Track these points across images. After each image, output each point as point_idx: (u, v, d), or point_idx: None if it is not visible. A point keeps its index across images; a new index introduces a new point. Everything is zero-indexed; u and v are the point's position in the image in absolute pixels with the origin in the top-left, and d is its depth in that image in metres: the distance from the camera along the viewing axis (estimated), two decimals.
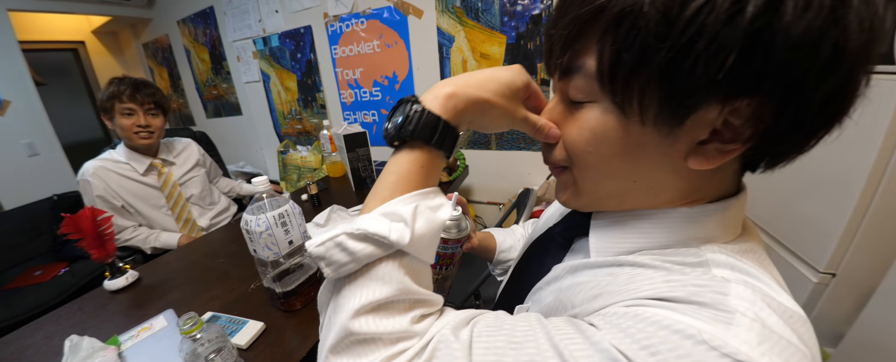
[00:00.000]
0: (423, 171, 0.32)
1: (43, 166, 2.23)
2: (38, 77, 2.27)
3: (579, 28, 0.26)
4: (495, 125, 0.35)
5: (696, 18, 0.21)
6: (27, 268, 1.79)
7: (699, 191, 0.30)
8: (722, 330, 0.21)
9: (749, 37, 0.20)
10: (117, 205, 1.22)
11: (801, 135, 0.25)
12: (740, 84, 0.22)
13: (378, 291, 0.27)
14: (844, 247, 0.95)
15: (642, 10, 0.22)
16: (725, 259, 0.28)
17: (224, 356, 0.50)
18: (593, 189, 0.33)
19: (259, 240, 0.60)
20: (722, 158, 0.26)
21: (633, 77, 0.25)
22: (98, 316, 0.74)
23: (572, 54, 0.28)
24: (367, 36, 1.85)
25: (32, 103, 2.18)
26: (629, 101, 0.26)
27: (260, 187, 0.61)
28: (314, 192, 1.26)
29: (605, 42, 0.25)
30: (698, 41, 0.21)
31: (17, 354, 0.65)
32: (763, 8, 0.20)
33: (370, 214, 0.28)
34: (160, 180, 1.28)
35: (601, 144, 0.29)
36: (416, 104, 0.31)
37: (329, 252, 0.27)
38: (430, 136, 0.31)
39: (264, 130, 2.57)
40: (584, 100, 0.29)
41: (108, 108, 1.16)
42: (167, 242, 1.26)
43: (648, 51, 0.23)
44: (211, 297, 0.75)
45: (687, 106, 0.24)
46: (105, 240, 0.81)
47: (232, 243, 1.03)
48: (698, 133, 0.26)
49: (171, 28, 2.73)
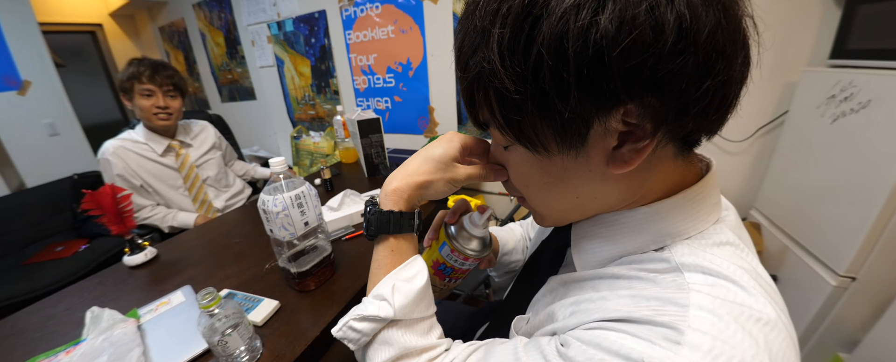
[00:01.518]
0: (395, 255, 0.41)
1: (63, 146, 2.28)
2: (57, 58, 2.30)
3: (469, 96, 0.30)
4: (444, 192, 0.42)
5: (537, 69, 0.24)
6: (48, 244, 1.85)
7: (642, 189, 0.32)
8: (669, 353, 0.23)
9: (583, 67, 0.23)
10: (136, 184, 1.24)
11: (696, 113, 0.25)
12: (605, 99, 0.24)
13: (387, 352, 0.37)
14: (866, 252, 0.92)
15: (497, 76, 0.25)
16: (696, 261, 0.28)
17: (241, 331, 0.51)
18: (548, 212, 0.37)
19: (275, 220, 0.60)
20: (639, 157, 0.27)
21: (522, 125, 0.28)
22: (118, 289, 0.76)
23: (478, 114, 0.32)
24: (381, 21, 1.83)
25: (53, 84, 2.22)
26: (531, 142, 0.29)
27: (277, 167, 0.61)
28: (327, 177, 1.26)
29: (489, 103, 0.28)
30: (547, 86, 0.24)
31: (41, 324, 0.67)
32: (580, 41, 0.22)
33: (367, 298, 0.39)
34: (178, 161, 1.30)
35: (533, 178, 0.33)
36: (373, 207, 0.41)
37: (346, 334, 0.38)
38: (388, 229, 0.40)
39: (278, 115, 2.58)
40: (506, 145, 0.34)
41: (127, 89, 1.18)
42: (184, 222, 1.28)
43: (518, 103, 0.26)
44: (227, 275, 0.76)
45: (574, 130, 0.26)
46: (124, 217, 0.83)
47: (247, 224, 1.04)
48: (607, 143, 0.27)
49: (187, 11, 2.74)
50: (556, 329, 0.32)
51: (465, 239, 0.46)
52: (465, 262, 0.47)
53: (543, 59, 0.23)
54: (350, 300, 0.67)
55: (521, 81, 0.25)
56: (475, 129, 1.06)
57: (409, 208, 0.41)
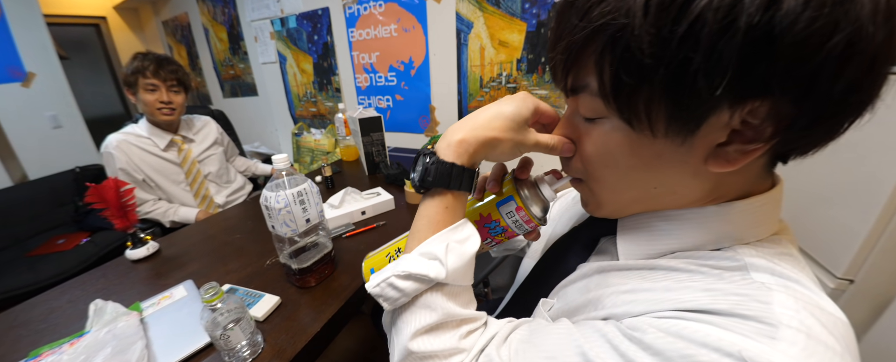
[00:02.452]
0: (448, 212, 0.36)
1: (66, 138, 2.29)
2: (61, 51, 2.30)
3: (576, 52, 0.27)
4: (508, 157, 0.37)
5: (689, 34, 0.21)
6: (51, 237, 1.86)
7: (723, 189, 0.30)
8: (765, 347, 0.21)
9: (747, 45, 0.20)
10: (138, 178, 1.25)
11: (825, 126, 0.24)
12: (748, 89, 0.22)
13: (427, 317, 0.32)
14: (865, 254, 0.92)
15: (634, 31, 0.22)
16: (764, 263, 0.27)
17: (243, 326, 0.52)
18: (614, 199, 0.34)
19: (277, 217, 0.61)
20: (744, 159, 0.25)
21: (635, 95, 0.25)
22: (120, 283, 0.77)
23: (574, 76, 0.29)
24: (384, 19, 1.83)
25: (56, 76, 2.23)
26: (636, 117, 0.26)
27: (280, 164, 0.62)
28: (328, 175, 1.27)
29: (603, 64, 0.25)
30: (695, 56, 0.21)
31: (44, 315, 0.68)
32: (758, 15, 0.19)
33: (411, 254, 0.34)
34: (180, 156, 1.31)
35: (617, 159, 0.30)
36: (432, 156, 0.35)
37: (384, 291, 0.33)
38: (448, 182, 0.35)
39: (279, 112, 2.59)
40: (595, 117, 0.30)
41: (131, 83, 1.18)
42: (185, 217, 1.29)
43: (646, 69, 0.23)
44: (228, 270, 0.77)
45: (696, 115, 0.24)
46: (127, 211, 0.84)
47: (248, 220, 1.05)
48: (715, 137, 0.25)
49: (191, 6, 2.74)
50: (608, 315, 0.31)
51: (534, 199, 0.40)
52: (524, 226, 0.41)
53: (705, 24, 0.20)
54: (350, 296, 0.68)
55: (663, 45, 0.21)
56: None
57: (470, 165, 0.35)
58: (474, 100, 1.74)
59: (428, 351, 0.31)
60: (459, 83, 1.74)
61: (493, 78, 1.65)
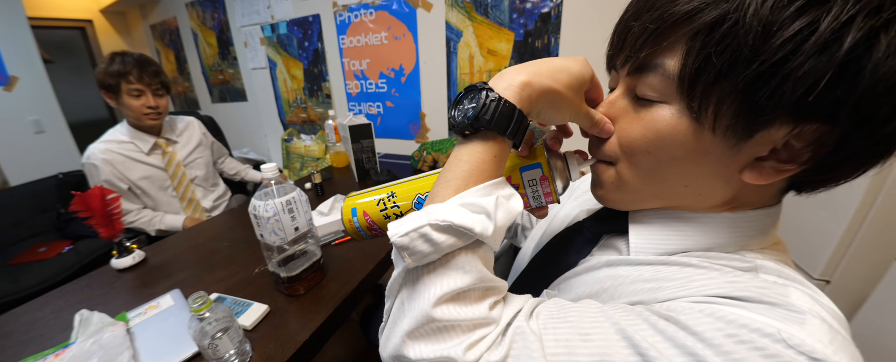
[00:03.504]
0: (496, 162, 0.31)
1: (49, 143, 2.25)
2: (45, 54, 2.27)
3: (668, 26, 0.26)
4: (559, 117, 0.33)
5: (795, 38, 0.21)
6: (32, 245, 1.82)
7: (742, 199, 0.31)
8: (797, 329, 0.22)
9: (840, 66, 0.21)
10: (123, 187, 1.22)
11: (854, 165, 0.26)
12: (818, 109, 0.23)
13: (459, 280, 0.27)
14: (840, 255, 0.97)
15: (743, 19, 0.22)
16: (773, 265, 0.29)
17: (231, 335, 0.52)
18: (641, 188, 0.33)
19: (266, 226, 0.62)
20: (776, 176, 0.27)
21: (715, 85, 0.24)
22: (106, 293, 0.76)
23: (653, 51, 0.28)
24: (375, 27, 1.85)
25: (40, 80, 2.19)
26: (705, 109, 0.26)
27: (269, 173, 0.62)
28: (318, 181, 1.27)
29: (693, 45, 0.25)
30: (791, 61, 0.21)
31: (27, 326, 0.67)
32: (861, 41, 0.20)
33: (448, 204, 0.28)
34: (165, 160, 1.29)
35: (665, 147, 0.29)
36: (491, 92, 0.29)
37: (413, 242, 0.27)
38: (506, 126, 0.29)
39: (269, 117, 2.58)
40: (654, 100, 0.29)
41: (112, 86, 1.14)
42: (172, 224, 1.28)
43: (739, 61, 0.23)
44: (216, 279, 0.77)
45: (760, 122, 0.24)
46: (113, 219, 0.83)
47: (236, 227, 1.04)
48: (759, 149, 0.26)
49: (180, 10, 2.72)
50: (632, 302, 0.30)
51: (561, 173, 0.37)
52: (542, 198, 0.37)
53: (814, 34, 0.20)
54: (339, 304, 0.69)
55: (767, 41, 0.21)
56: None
57: (527, 113, 0.31)
58: None
59: (454, 320, 0.26)
60: (449, 90, 1.77)
61: None
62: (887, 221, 0.89)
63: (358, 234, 0.42)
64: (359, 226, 0.41)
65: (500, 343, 0.27)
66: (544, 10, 1.45)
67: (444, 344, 0.26)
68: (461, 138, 0.32)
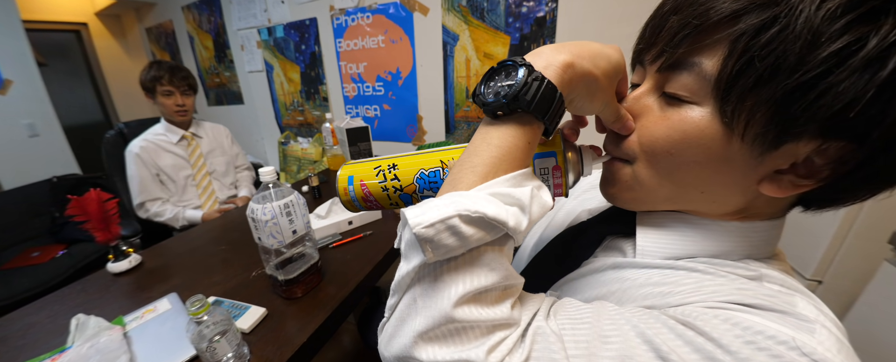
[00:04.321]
0: (528, 149, 0.28)
1: (43, 147, 2.23)
2: (40, 57, 2.25)
3: (713, 23, 0.25)
4: (591, 107, 0.31)
5: (842, 52, 0.21)
6: (25, 249, 1.80)
7: (754, 210, 0.31)
8: (809, 338, 0.22)
9: (881, 86, 0.20)
10: (151, 173, 1.42)
11: (870, 187, 0.26)
12: (850, 128, 0.22)
13: (485, 279, 0.25)
14: (831, 256, 0.98)
15: (794, 25, 0.21)
16: (777, 275, 0.29)
17: (229, 338, 0.52)
18: (656, 189, 0.32)
19: (264, 229, 0.62)
20: (793, 190, 0.26)
21: (753, 91, 0.24)
22: (102, 297, 0.76)
23: (691, 49, 0.26)
24: (372, 31, 1.85)
25: (34, 83, 2.18)
26: (738, 114, 0.25)
27: (267, 177, 0.63)
28: (315, 184, 1.28)
29: (737, 46, 0.24)
30: (833, 75, 0.21)
31: (23, 331, 0.66)
32: None
33: (476, 193, 0.25)
34: (189, 150, 1.50)
35: (689, 149, 0.28)
36: (533, 71, 0.26)
37: (439, 235, 0.23)
38: (547, 110, 0.26)
39: (266, 120, 2.58)
40: (685, 99, 0.28)
41: (149, 88, 1.40)
42: (192, 218, 1.43)
43: (782, 69, 0.22)
44: (213, 282, 0.77)
45: (790, 134, 0.24)
46: (110, 223, 0.83)
47: (233, 231, 1.04)
48: (783, 161, 0.26)
49: (176, 13, 2.72)
50: (645, 306, 0.29)
51: (574, 166, 0.35)
52: (552, 189, 0.35)
53: (862, 49, 0.20)
54: (337, 307, 0.69)
55: (813, 51, 0.21)
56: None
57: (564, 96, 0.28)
58: (461, 109, 1.77)
59: (475, 320, 0.24)
60: (446, 93, 1.78)
61: None
62: (877, 222, 0.90)
63: (352, 205, 0.39)
64: (354, 195, 0.38)
65: (520, 344, 0.25)
66: (540, 14, 1.47)
67: (463, 347, 0.24)
68: (491, 118, 0.28)
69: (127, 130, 1.62)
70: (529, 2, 1.47)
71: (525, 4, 1.48)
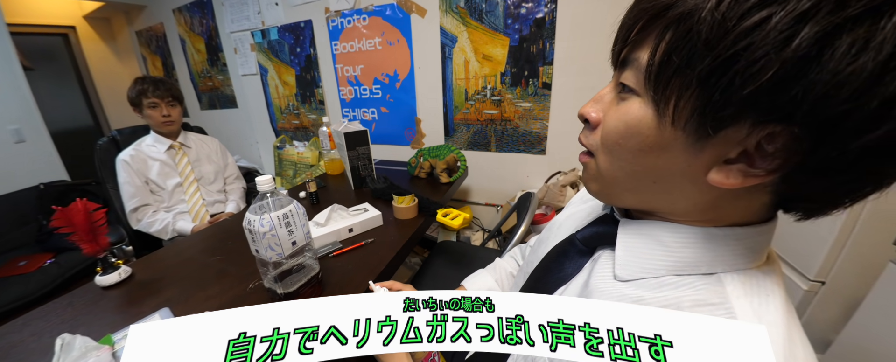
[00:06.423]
0: None
1: (30, 153, 2.17)
2: (26, 62, 2.20)
3: (643, 21, 0.27)
4: None
5: (748, 33, 0.21)
6: (11, 258, 1.74)
7: (720, 211, 0.30)
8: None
9: (793, 64, 0.20)
10: (140, 182, 1.42)
11: (831, 183, 0.24)
12: (775, 109, 0.22)
13: None
14: (834, 257, 0.97)
15: (701, 15, 0.22)
16: (750, 308, 0.29)
17: None
18: (615, 180, 0.34)
19: (262, 241, 0.59)
20: (742, 180, 0.26)
21: (674, 78, 0.25)
22: (89, 312, 0.72)
23: (631, 46, 0.29)
24: (368, 33, 1.83)
25: (20, 88, 2.12)
26: (666, 102, 0.26)
27: (264, 186, 0.60)
28: (313, 190, 1.24)
29: (660, 40, 0.26)
30: (742, 56, 0.21)
31: (5, 351, 0.63)
32: (815, 40, 0.19)
33: None
34: (176, 158, 1.52)
35: (631, 137, 0.30)
36: None
37: None
38: None
39: (260, 124, 2.54)
40: (630, 92, 0.30)
41: (137, 103, 1.42)
42: (182, 229, 1.43)
43: (695, 56, 0.23)
44: (208, 296, 0.74)
45: (719, 118, 0.24)
46: (97, 234, 0.79)
47: (228, 240, 1.01)
48: (727, 150, 0.26)
49: (167, 16, 2.67)
50: None
51: None
52: None
53: (767, 29, 0.20)
54: None
55: (720, 35, 0.22)
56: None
57: None
58: (460, 112, 1.75)
59: None
60: (445, 96, 1.76)
61: (478, 91, 1.67)
62: (880, 223, 0.90)
63: None
64: None
65: None
66: (539, 16, 1.45)
67: None
68: None
69: (120, 138, 1.59)
70: (528, 3, 1.45)
71: (524, 5, 1.46)
